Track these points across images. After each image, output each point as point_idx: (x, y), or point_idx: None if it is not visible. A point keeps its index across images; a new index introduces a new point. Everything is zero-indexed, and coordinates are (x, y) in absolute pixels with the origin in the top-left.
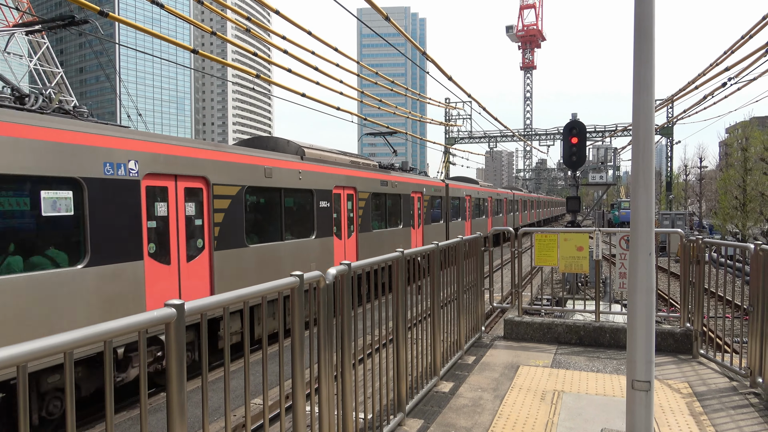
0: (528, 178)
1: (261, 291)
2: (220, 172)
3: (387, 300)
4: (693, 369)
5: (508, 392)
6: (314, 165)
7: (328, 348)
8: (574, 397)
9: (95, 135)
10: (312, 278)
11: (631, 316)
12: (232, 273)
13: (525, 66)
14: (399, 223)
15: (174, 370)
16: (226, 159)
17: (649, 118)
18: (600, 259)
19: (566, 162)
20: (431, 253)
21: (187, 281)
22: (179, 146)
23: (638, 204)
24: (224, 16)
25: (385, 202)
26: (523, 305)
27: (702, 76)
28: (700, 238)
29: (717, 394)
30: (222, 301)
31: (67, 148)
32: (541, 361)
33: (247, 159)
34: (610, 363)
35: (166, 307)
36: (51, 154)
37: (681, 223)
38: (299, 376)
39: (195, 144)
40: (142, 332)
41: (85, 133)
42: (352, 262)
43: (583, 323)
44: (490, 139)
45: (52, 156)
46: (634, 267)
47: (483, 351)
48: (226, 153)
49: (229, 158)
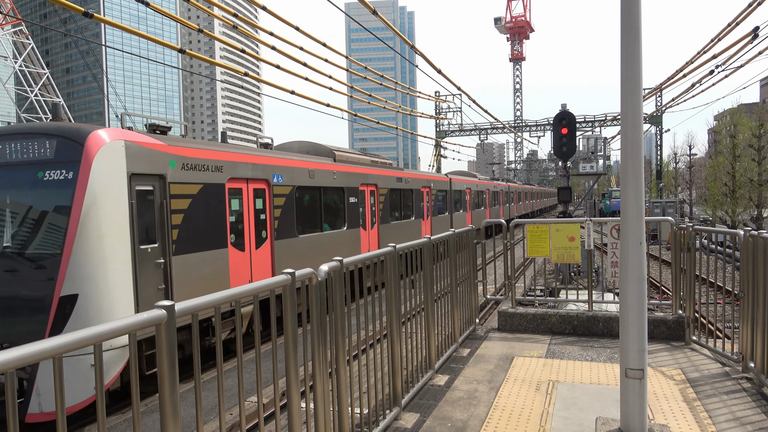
0: (519, 170)
1: (253, 290)
2: (277, 174)
3: (381, 295)
4: (686, 355)
5: (503, 384)
6: (344, 166)
7: (322, 344)
8: (568, 386)
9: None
10: (304, 275)
11: (624, 305)
12: (287, 258)
13: (514, 57)
14: (411, 215)
15: (166, 371)
16: (282, 164)
17: (637, 109)
18: (592, 249)
19: (557, 153)
20: (423, 246)
21: (255, 265)
22: (250, 155)
23: (628, 194)
24: (211, 13)
25: (400, 197)
26: (517, 296)
27: (690, 64)
28: (690, 225)
29: (710, 379)
30: (213, 301)
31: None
32: (536, 352)
33: (296, 163)
34: (603, 352)
35: (156, 309)
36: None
37: (671, 211)
38: (293, 374)
39: (260, 152)
40: (132, 335)
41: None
42: (344, 258)
43: (577, 313)
44: (481, 131)
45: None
46: (626, 256)
47: (478, 343)
48: (282, 159)
49: (284, 163)
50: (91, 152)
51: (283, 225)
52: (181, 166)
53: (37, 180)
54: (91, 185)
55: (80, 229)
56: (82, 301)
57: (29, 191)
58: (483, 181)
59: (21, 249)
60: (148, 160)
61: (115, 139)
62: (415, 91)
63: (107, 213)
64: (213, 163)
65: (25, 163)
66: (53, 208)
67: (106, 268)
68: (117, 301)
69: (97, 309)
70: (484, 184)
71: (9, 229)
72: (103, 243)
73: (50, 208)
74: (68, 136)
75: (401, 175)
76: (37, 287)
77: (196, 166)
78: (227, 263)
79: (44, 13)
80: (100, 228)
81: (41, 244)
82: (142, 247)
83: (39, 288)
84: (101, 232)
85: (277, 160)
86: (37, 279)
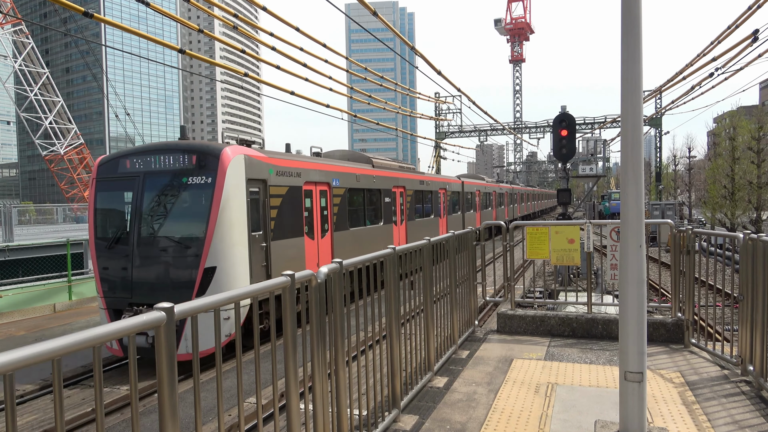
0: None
1: (253, 291)
2: (335, 178)
3: (380, 296)
4: (685, 358)
5: (502, 386)
6: (380, 171)
7: (322, 346)
8: (567, 389)
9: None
10: (303, 277)
11: (623, 308)
12: (341, 247)
13: (514, 59)
14: (431, 213)
15: (165, 373)
16: (338, 170)
17: (637, 111)
18: (591, 251)
19: (556, 154)
20: (423, 248)
21: (321, 251)
22: (317, 163)
23: (628, 196)
24: (211, 13)
25: (423, 198)
26: (516, 298)
27: (689, 66)
28: (690, 228)
29: (709, 382)
30: (213, 303)
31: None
32: (535, 354)
33: (347, 169)
34: (603, 354)
35: (156, 311)
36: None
37: (671, 213)
38: (292, 375)
39: (322, 160)
40: (132, 337)
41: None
42: (344, 260)
43: (576, 315)
44: (481, 132)
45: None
46: (625, 259)
47: (477, 345)
48: (337, 165)
49: (339, 169)
50: (225, 163)
51: (339, 219)
52: (276, 173)
53: (182, 183)
54: (225, 187)
55: (219, 220)
56: (219, 271)
57: (177, 191)
58: (490, 184)
59: (174, 233)
60: (257, 169)
61: (238, 154)
62: (414, 92)
63: (234, 208)
64: (295, 170)
65: (173, 171)
66: (198, 203)
67: (234, 248)
68: (240, 272)
69: (228, 277)
70: (491, 186)
71: (164, 218)
72: (232, 230)
73: (196, 203)
74: (207, 151)
75: (423, 179)
76: (186, 262)
77: (284, 172)
78: (303, 248)
79: (44, 13)
80: (231, 219)
81: (190, 230)
82: (253, 233)
83: (188, 262)
84: (231, 222)
85: (335, 167)
86: (186, 255)
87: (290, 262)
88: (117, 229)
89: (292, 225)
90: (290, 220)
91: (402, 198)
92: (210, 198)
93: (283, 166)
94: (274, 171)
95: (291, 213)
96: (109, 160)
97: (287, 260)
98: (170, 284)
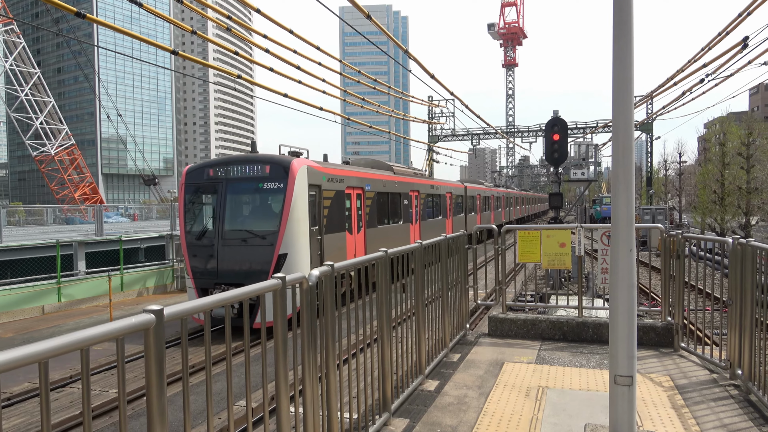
0: (512, 175)
1: (244, 294)
2: (367, 184)
3: (372, 299)
4: (674, 362)
5: (493, 389)
6: (400, 177)
7: (312, 349)
8: (558, 392)
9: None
10: (295, 279)
11: (613, 312)
12: (372, 242)
13: (507, 63)
14: (440, 215)
15: (154, 377)
16: (369, 176)
17: (628, 116)
18: (582, 255)
19: (548, 158)
20: (415, 251)
21: (357, 245)
22: (354, 170)
23: (618, 201)
24: (204, 15)
25: (432, 201)
26: (507, 302)
27: (680, 72)
28: (679, 232)
29: (698, 386)
30: (203, 305)
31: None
32: (526, 358)
33: (376, 176)
34: (593, 358)
35: (145, 313)
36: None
37: (661, 218)
38: (282, 378)
39: (356, 168)
40: (120, 340)
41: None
42: (335, 263)
43: (567, 319)
44: (473, 136)
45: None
46: (616, 263)
47: (468, 348)
48: (369, 173)
49: (370, 176)
50: (294, 173)
51: (370, 218)
52: (327, 180)
53: (259, 188)
54: (294, 192)
55: (289, 217)
56: (289, 257)
57: (255, 194)
58: (489, 188)
59: (253, 227)
60: (314, 177)
61: (303, 165)
62: (408, 95)
63: (300, 208)
64: (339, 177)
65: (251, 178)
66: (272, 204)
67: (300, 239)
68: (303, 258)
69: (296, 262)
70: (490, 191)
71: (244, 215)
72: (299, 225)
73: (271, 204)
74: (279, 163)
75: (434, 183)
76: (263, 249)
77: (333, 179)
78: (345, 241)
79: (36, 12)
80: (298, 216)
81: (266, 225)
82: (311, 228)
83: (265, 250)
84: (298, 219)
85: (367, 174)
86: (263, 244)
87: (337, 252)
88: (204, 224)
89: (337, 222)
90: (336, 218)
91: (417, 201)
92: (282, 200)
93: (331, 173)
94: (326, 178)
95: (337, 212)
96: (195, 169)
97: (335, 250)
98: (250, 267)
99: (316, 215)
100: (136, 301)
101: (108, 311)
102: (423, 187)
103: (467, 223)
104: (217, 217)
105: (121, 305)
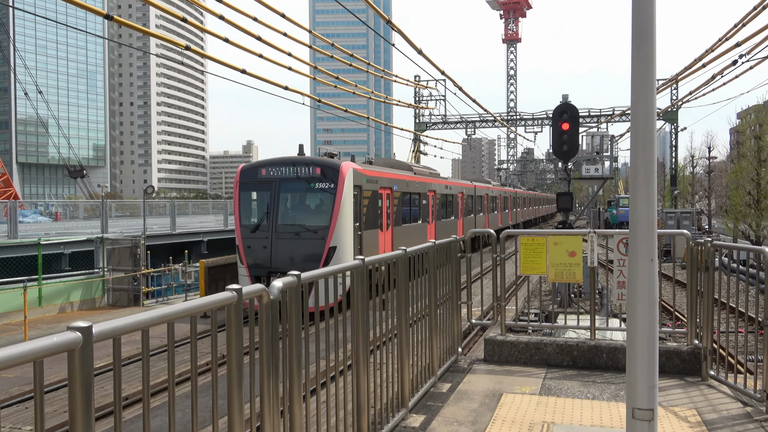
0: (514, 171)
1: (189, 309)
2: (395, 184)
3: (345, 317)
4: (702, 393)
5: (490, 425)
6: (419, 177)
7: (273, 377)
8: (566, 429)
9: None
10: (253, 292)
11: (631, 333)
12: (398, 239)
13: (508, 39)
14: (452, 215)
15: (79, 406)
16: (396, 177)
17: (650, 103)
18: (595, 265)
19: (556, 152)
20: (398, 260)
21: (386, 241)
22: (385, 172)
23: (638, 202)
24: None
25: (446, 200)
26: (507, 321)
27: (710, 52)
28: (708, 240)
29: (729, 421)
30: (140, 323)
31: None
32: (528, 388)
33: (401, 176)
34: (607, 388)
35: (70, 331)
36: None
37: (687, 223)
38: (236, 413)
39: (386, 170)
40: (38, 363)
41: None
42: (302, 273)
43: (577, 342)
44: (468, 124)
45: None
46: (634, 275)
47: (460, 377)
48: (396, 174)
49: (396, 177)
50: (343, 174)
51: (396, 217)
52: (366, 180)
53: (310, 187)
54: (344, 191)
55: (339, 214)
56: (338, 250)
57: (307, 193)
58: (496, 188)
59: (306, 223)
60: (358, 178)
61: (350, 168)
62: (390, 74)
63: (348, 206)
64: (374, 178)
65: (303, 178)
66: (324, 203)
67: (347, 234)
68: (349, 251)
69: (343, 254)
70: (498, 190)
71: (297, 211)
72: (347, 221)
73: (322, 202)
74: (330, 165)
75: (447, 183)
76: (315, 242)
77: (370, 180)
78: (378, 238)
79: None
80: (346, 213)
81: (318, 220)
82: (354, 224)
83: (317, 243)
84: (346, 215)
85: (394, 175)
86: (315, 238)
87: (371, 247)
88: (258, 218)
89: (373, 219)
90: (372, 216)
91: (433, 200)
92: (332, 199)
93: (369, 175)
94: (365, 179)
95: (372, 211)
96: (249, 168)
97: (370, 246)
98: (302, 258)
99: (359, 213)
100: (57, 318)
101: (23, 330)
102: (438, 186)
103: (476, 224)
104: (270, 212)
105: (39, 323)
